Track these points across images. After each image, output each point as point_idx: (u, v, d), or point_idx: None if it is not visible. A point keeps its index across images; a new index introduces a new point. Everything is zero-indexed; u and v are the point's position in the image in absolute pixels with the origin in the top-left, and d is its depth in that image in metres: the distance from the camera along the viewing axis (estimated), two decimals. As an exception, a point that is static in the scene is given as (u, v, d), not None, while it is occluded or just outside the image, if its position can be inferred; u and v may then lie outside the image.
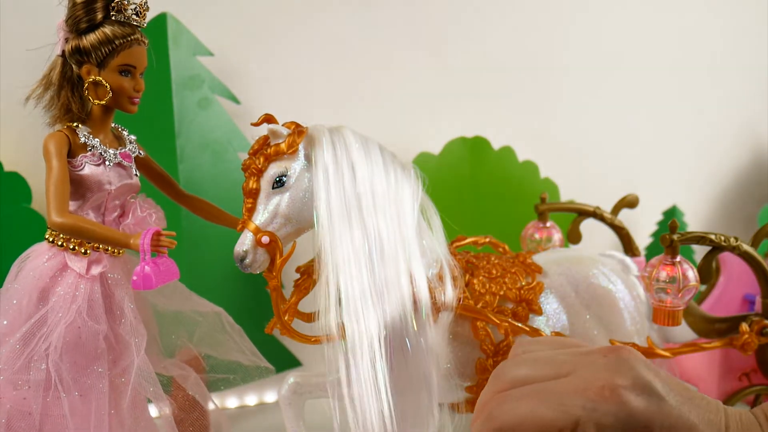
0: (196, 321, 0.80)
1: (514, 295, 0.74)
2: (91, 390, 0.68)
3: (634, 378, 0.33)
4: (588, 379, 0.34)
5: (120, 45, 0.67)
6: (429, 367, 0.66)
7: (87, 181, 0.68)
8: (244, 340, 0.81)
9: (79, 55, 0.68)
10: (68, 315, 0.67)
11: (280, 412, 0.75)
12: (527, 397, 0.34)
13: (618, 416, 0.32)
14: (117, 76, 0.68)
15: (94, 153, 0.69)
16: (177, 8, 1.07)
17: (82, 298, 0.68)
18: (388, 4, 1.27)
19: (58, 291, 0.68)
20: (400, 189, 0.68)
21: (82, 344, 0.67)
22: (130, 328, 0.69)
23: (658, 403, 0.33)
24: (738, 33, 1.52)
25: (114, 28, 0.67)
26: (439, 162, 1.24)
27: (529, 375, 0.36)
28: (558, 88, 1.41)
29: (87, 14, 0.66)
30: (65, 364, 0.66)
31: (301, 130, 0.67)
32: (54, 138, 0.67)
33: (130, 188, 0.72)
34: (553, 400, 0.34)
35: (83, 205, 0.69)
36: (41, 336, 0.66)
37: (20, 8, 1.04)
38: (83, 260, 0.69)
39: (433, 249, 0.71)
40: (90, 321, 0.67)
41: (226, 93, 1.12)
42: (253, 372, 0.81)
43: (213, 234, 1.06)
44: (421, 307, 0.66)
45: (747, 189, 1.58)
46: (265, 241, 0.66)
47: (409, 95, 1.29)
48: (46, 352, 0.65)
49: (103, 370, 0.68)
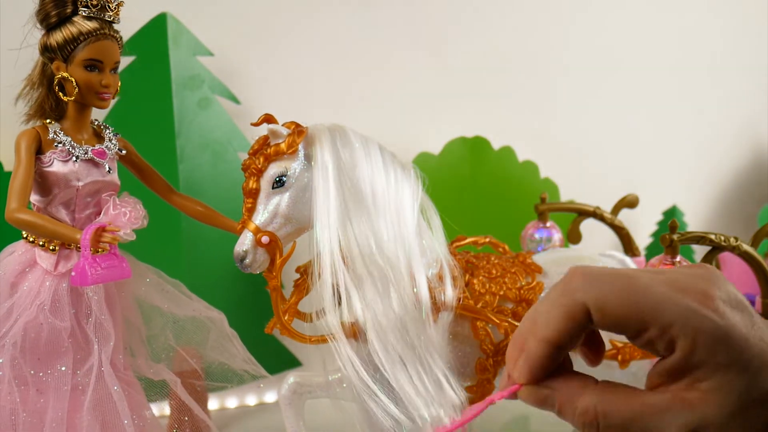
0: (201, 325, 0.79)
1: (514, 295, 0.74)
2: (49, 388, 0.67)
3: (728, 292, 0.32)
4: (686, 282, 0.32)
5: (84, 39, 0.67)
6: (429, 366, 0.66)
7: (54, 177, 0.68)
8: (239, 346, 0.79)
9: (48, 51, 0.68)
10: (30, 310, 0.67)
11: (280, 412, 0.75)
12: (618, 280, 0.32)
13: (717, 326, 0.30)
14: (82, 71, 0.68)
15: (62, 149, 0.69)
16: (177, 8, 1.07)
17: (45, 294, 0.68)
18: (388, 4, 1.27)
19: (24, 286, 0.68)
20: (400, 189, 0.68)
21: (43, 341, 0.67)
22: (94, 327, 0.69)
23: (751, 319, 0.31)
24: (738, 33, 1.52)
25: (81, 23, 0.66)
26: (439, 162, 1.24)
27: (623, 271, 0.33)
28: (558, 88, 1.41)
29: (56, 8, 0.66)
30: (26, 360, 0.66)
31: (301, 130, 0.67)
32: (25, 135, 0.68)
33: (103, 185, 0.72)
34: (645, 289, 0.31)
35: (52, 201, 0.69)
36: (5, 330, 0.66)
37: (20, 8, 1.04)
38: (52, 257, 0.69)
39: (433, 249, 0.71)
40: (52, 317, 0.67)
41: (226, 93, 1.12)
42: (248, 380, 0.80)
43: (213, 234, 1.05)
44: (420, 306, 0.66)
45: (747, 189, 1.58)
46: (265, 241, 0.66)
47: (409, 95, 1.29)
48: (3, 346, 0.66)
49: (66, 368, 0.68)
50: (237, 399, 1.08)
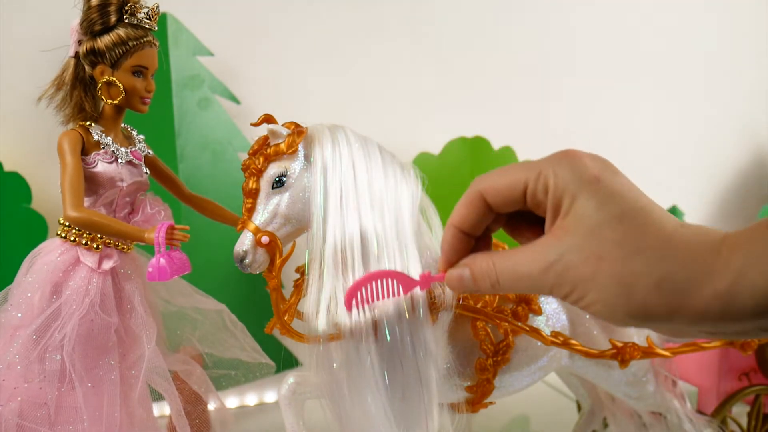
0: (198, 319, 0.81)
1: (513, 295, 0.74)
2: (102, 382, 0.69)
3: (594, 155, 0.39)
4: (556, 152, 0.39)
5: (133, 47, 0.69)
6: (427, 367, 0.66)
7: (100, 178, 0.70)
8: (246, 337, 0.83)
9: (93, 56, 0.70)
10: (82, 307, 0.68)
11: (280, 412, 0.75)
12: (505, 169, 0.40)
13: (573, 167, 0.37)
14: (130, 76, 0.71)
15: (106, 151, 0.71)
16: (177, 8, 1.07)
17: (94, 292, 0.70)
18: (388, 3, 1.27)
19: (71, 285, 0.70)
20: (400, 189, 0.68)
21: (94, 337, 0.69)
22: (141, 321, 0.71)
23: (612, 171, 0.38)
24: (738, 33, 1.52)
25: (127, 30, 0.69)
26: (439, 162, 1.24)
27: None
28: (558, 88, 1.41)
29: (101, 17, 0.68)
30: (78, 356, 0.68)
31: (301, 130, 0.67)
32: (68, 136, 0.69)
33: (140, 186, 0.74)
34: (525, 166, 0.39)
35: (96, 202, 0.72)
36: (56, 328, 0.68)
37: (20, 10, 1.04)
38: (95, 255, 0.71)
39: (432, 249, 0.71)
40: (102, 314, 0.69)
41: (226, 93, 1.12)
42: (255, 369, 0.82)
43: (212, 234, 1.06)
44: (418, 307, 0.66)
45: (747, 189, 1.59)
46: (265, 241, 0.66)
47: (409, 95, 1.29)
48: (61, 344, 0.67)
49: (114, 362, 0.70)
50: (237, 399, 1.08)
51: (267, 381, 0.87)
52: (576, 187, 0.37)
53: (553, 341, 0.70)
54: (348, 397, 0.65)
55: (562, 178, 0.37)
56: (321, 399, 0.69)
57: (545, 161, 0.38)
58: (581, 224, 0.36)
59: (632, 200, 0.36)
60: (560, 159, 0.38)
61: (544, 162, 0.38)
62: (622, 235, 0.35)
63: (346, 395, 0.65)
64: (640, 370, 0.79)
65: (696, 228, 0.36)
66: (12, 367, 0.67)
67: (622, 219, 0.35)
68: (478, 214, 0.41)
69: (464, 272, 0.42)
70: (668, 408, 0.82)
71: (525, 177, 0.38)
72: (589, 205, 0.36)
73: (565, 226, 0.37)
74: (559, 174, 0.37)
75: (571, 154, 0.38)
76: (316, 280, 0.65)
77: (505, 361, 0.72)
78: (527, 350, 0.74)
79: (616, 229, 0.35)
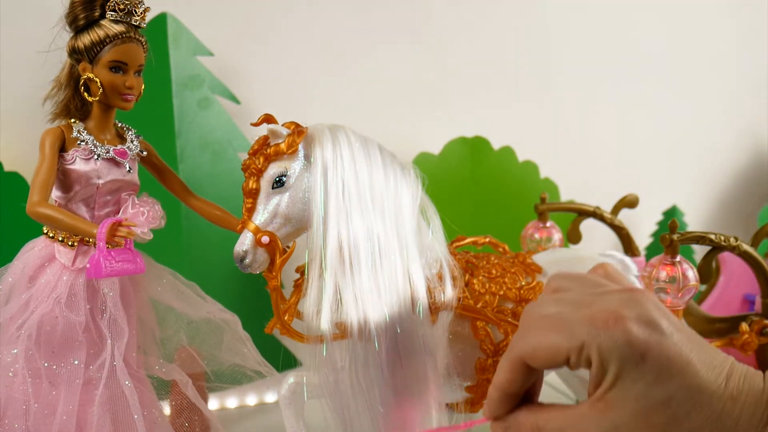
0: (208, 328, 0.79)
1: (514, 295, 0.74)
2: (61, 382, 0.68)
3: (640, 313, 0.36)
4: (598, 311, 0.36)
5: (110, 41, 0.69)
6: (427, 367, 0.66)
7: (75, 175, 0.70)
8: (252, 349, 0.80)
9: (76, 53, 0.70)
10: (46, 303, 0.68)
11: (280, 412, 0.75)
12: (544, 328, 0.38)
13: (617, 342, 0.35)
14: (107, 72, 0.70)
15: (85, 148, 0.71)
16: (177, 8, 1.07)
17: (62, 288, 0.69)
18: (388, 3, 1.27)
19: (42, 280, 0.70)
20: (400, 189, 0.68)
21: (58, 334, 0.68)
22: (108, 322, 0.70)
23: (659, 337, 0.35)
24: (738, 33, 1.52)
25: (108, 26, 0.69)
26: (439, 162, 1.24)
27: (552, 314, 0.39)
28: (558, 88, 1.41)
29: (84, 12, 0.68)
30: (41, 352, 0.67)
31: (301, 130, 0.67)
32: (49, 132, 0.70)
33: (123, 184, 0.73)
34: (565, 328, 0.37)
35: (73, 198, 0.71)
36: (20, 321, 0.68)
37: (20, 10, 1.04)
38: (70, 252, 0.71)
39: (432, 249, 0.71)
40: (67, 311, 0.69)
41: (226, 93, 1.12)
42: (257, 374, 0.80)
43: (213, 234, 1.06)
44: (418, 307, 0.66)
45: (747, 189, 1.59)
46: (265, 241, 0.66)
47: (409, 95, 1.29)
48: (18, 337, 0.67)
49: (79, 362, 0.69)
50: (237, 399, 1.08)
51: (267, 381, 0.87)
52: (621, 365, 0.35)
53: (553, 341, 0.70)
54: (350, 396, 0.65)
55: (606, 354, 0.35)
56: (321, 399, 0.69)
57: (588, 328, 0.36)
58: (626, 404, 0.35)
59: (680, 379, 0.35)
60: (604, 328, 0.35)
61: (586, 329, 0.36)
62: (671, 420, 0.34)
63: (348, 395, 0.65)
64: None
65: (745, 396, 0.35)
66: None
67: (669, 404, 0.34)
68: (523, 376, 0.40)
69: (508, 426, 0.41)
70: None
71: (567, 347, 0.37)
72: (634, 387, 0.35)
73: (609, 401, 0.36)
74: (603, 349, 0.35)
75: (616, 324, 0.35)
76: (316, 279, 0.66)
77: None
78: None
79: (663, 413, 0.34)
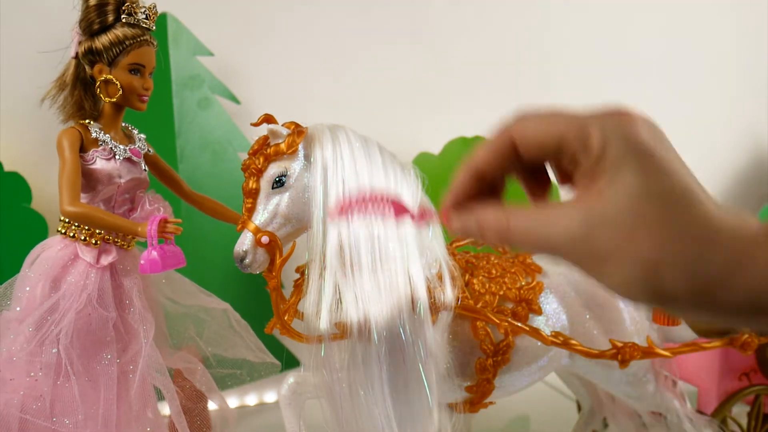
0: (204, 318, 0.81)
1: (513, 295, 0.74)
2: (99, 376, 0.70)
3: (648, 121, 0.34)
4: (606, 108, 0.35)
5: (130, 45, 0.71)
6: (427, 367, 0.66)
7: (98, 174, 0.72)
8: (251, 336, 0.83)
9: (91, 55, 0.72)
10: (79, 301, 0.69)
11: (280, 412, 0.75)
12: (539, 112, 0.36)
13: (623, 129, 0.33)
14: (127, 74, 0.72)
15: (105, 148, 0.72)
16: (177, 8, 1.07)
17: (92, 286, 0.71)
18: (388, 4, 1.27)
19: (70, 279, 0.71)
20: (400, 189, 0.68)
21: (92, 331, 0.70)
22: (139, 316, 0.72)
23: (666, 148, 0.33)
24: (738, 33, 1.52)
25: (124, 30, 0.71)
26: (439, 162, 1.24)
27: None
28: (558, 88, 1.41)
29: (99, 16, 0.70)
30: (76, 350, 0.69)
31: (301, 130, 0.67)
32: (67, 133, 0.71)
33: (139, 183, 0.75)
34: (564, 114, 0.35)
35: (94, 198, 0.73)
36: (53, 321, 0.68)
37: (20, 12, 1.04)
38: (94, 251, 0.72)
39: (432, 249, 0.71)
40: (100, 308, 0.70)
41: (226, 93, 1.12)
42: (259, 368, 0.83)
43: (213, 234, 1.06)
44: (418, 307, 0.66)
45: (747, 189, 1.58)
46: (265, 241, 0.66)
47: (409, 95, 1.29)
48: (57, 337, 0.68)
49: (111, 357, 0.71)
50: (237, 399, 1.08)
51: (267, 381, 0.88)
52: (623, 155, 0.32)
53: (553, 341, 0.70)
54: (349, 396, 0.65)
55: (610, 139, 0.33)
56: (321, 399, 0.69)
57: (593, 114, 0.34)
58: (621, 196, 0.32)
59: (679, 179, 0.33)
60: (612, 117, 0.33)
61: (591, 115, 0.34)
62: (664, 214, 0.32)
63: (348, 395, 0.65)
64: (640, 370, 0.79)
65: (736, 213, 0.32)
66: (11, 360, 0.68)
67: (666, 197, 0.32)
68: (503, 157, 0.37)
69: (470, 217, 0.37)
70: (668, 408, 0.82)
71: (565, 127, 0.34)
72: (635, 177, 0.32)
73: (601, 192, 0.33)
74: (608, 134, 0.33)
75: (625, 115, 0.34)
76: (316, 279, 0.66)
77: (505, 361, 0.72)
78: (527, 350, 0.74)
79: (658, 207, 0.32)
